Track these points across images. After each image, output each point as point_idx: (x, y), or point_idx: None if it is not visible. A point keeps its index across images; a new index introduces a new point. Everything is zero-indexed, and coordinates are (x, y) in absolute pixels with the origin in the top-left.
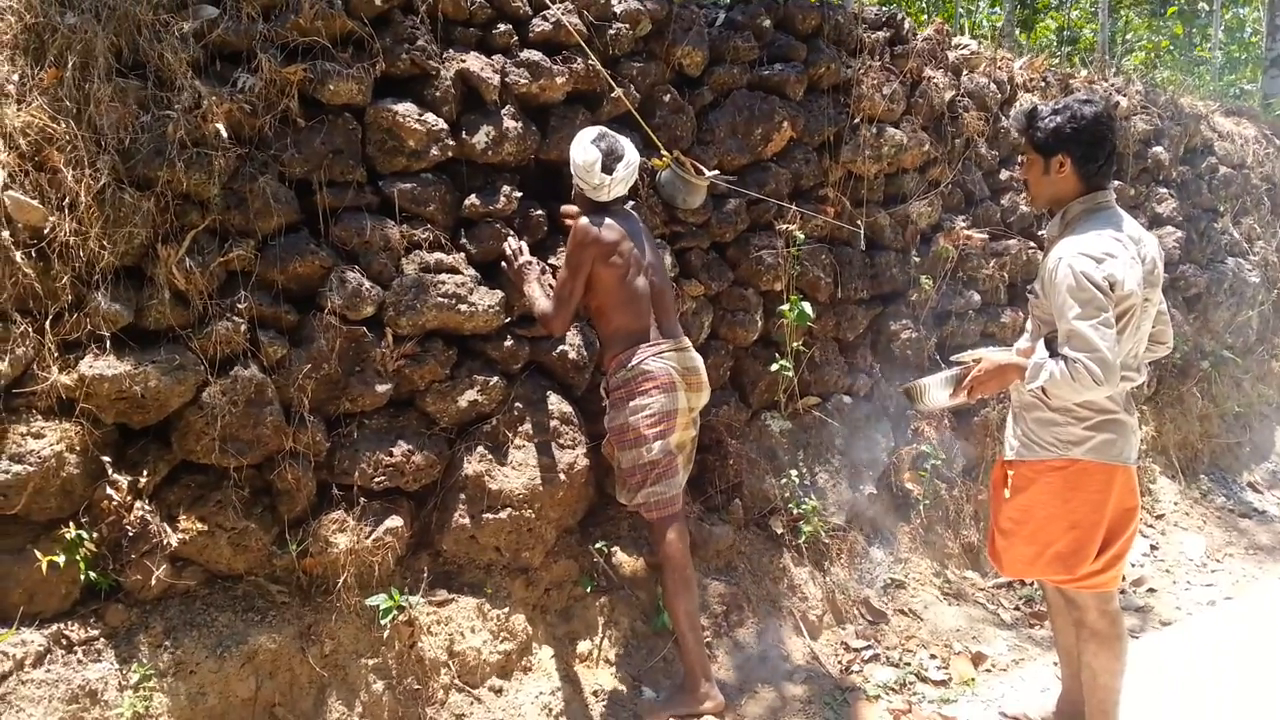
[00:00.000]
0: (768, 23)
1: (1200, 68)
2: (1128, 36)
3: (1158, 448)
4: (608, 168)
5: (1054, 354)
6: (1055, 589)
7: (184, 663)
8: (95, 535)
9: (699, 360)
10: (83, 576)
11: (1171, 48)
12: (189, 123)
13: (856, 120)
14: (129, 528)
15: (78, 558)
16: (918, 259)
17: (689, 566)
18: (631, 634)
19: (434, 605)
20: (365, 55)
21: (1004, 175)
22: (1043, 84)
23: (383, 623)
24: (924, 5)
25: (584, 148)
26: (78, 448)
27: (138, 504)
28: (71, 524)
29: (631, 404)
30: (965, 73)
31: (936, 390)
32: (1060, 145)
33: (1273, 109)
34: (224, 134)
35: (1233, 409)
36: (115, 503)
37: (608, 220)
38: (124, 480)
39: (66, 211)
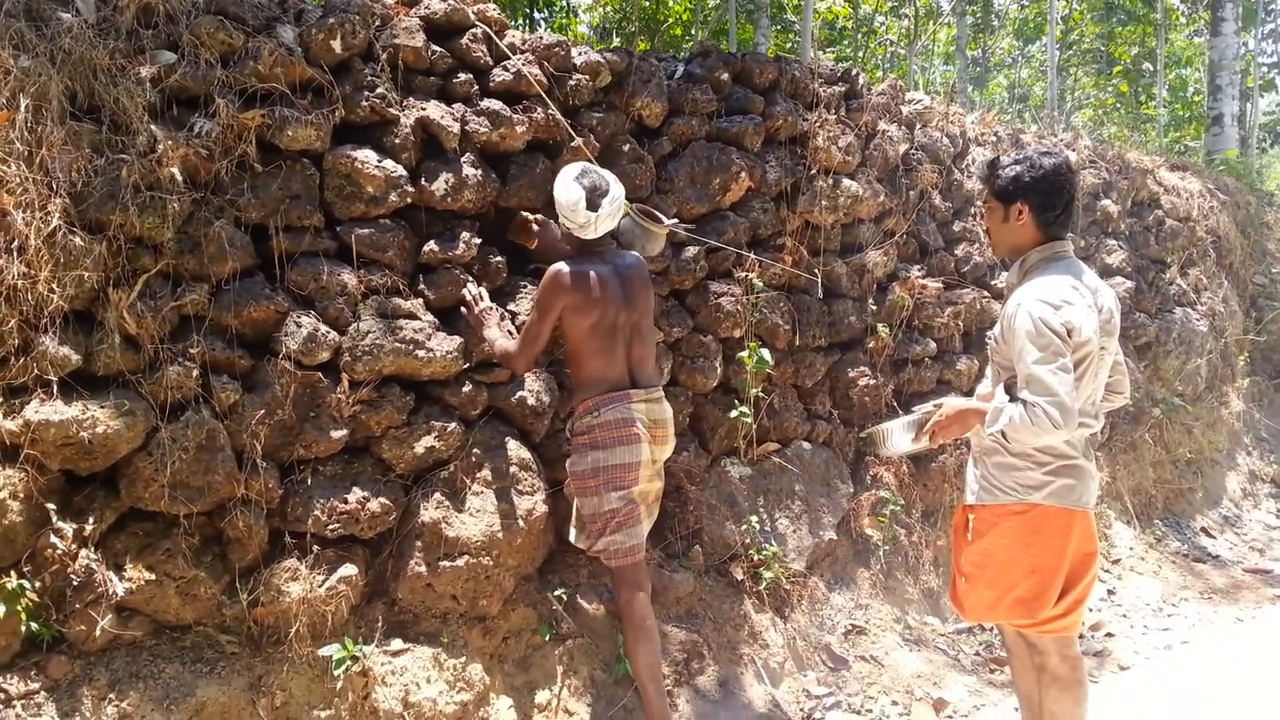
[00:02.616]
0: (726, 76)
1: (1146, 124)
2: (1076, 94)
3: (1112, 493)
4: (593, 204)
5: (1014, 399)
6: (1015, 634)
7: (129, 716)
8: (38, 585)
9: (668, 412)
10: (24, 628)
11: (1118, 105)
12: (144, 167)
13: (813, 171)
14: (73, 577)
15: (19, 608)
16: (874, 307)
17: (650, 616)
18: (591, 683)
19: (389, 655)
20: (325, 102)
21: (958, 226)
22: (994, 139)
23: (336, 674)
24: (878, 61)
25: (567, 186)
26: (21, 495)
27: (83, 552)
28: (13, 573)
29: (594, 453)
30: (919, 127)
31: (899, 435)
32: (1019, 193)
33: (1215, 164)
34: (179, 178)
35: (1184, 455)
36: (59, 551)
37: (582, 268)
38: (69, 528)
39: (15, 255)
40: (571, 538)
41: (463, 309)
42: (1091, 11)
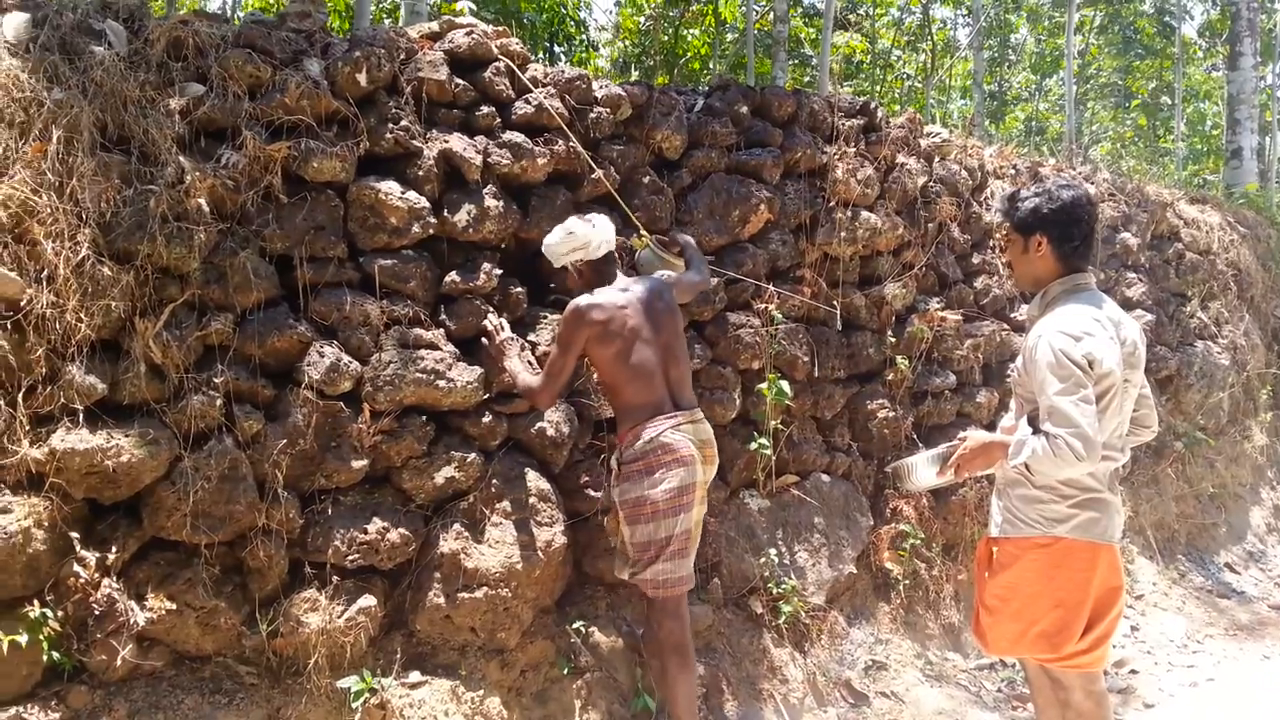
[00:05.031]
0: (745, 109)
1: (1164, 158)
2: (1094, 127)
3: (1135, 528)
4: (587, 222)
5: (1036, 431)
6: (1039, 669)
7: None
8: (60, 614)
9: (710, 431)
10: (45, 657)
11: (1136, 139)
12: (171, 198)
13: (832, 204)
14: (95, 606)
15: (41, 637)
16: (893, 339)
17: (690, 648)
18: (610, 717)
19: (407, 687)
20: (349, 134)
21: (977, 259)
22: (1013, 171)
23: (354, 705)
24: (896, 95)
25: (559, 230)
26: (45, 523)
27: (105, 582)
28: (36, 602)
29: (651, 478)
30: (937, 160)
31: (923, 469)
32: (1038, 225)
33: (1235, 198)
34: (206, 209)
35: (1207, 490)
36: (82, 580)
37: (601, 299)
38: (92, 557)
39: (44, 284)
40: (616, 570)
41: (483, 340)
42: (1109, 46)
